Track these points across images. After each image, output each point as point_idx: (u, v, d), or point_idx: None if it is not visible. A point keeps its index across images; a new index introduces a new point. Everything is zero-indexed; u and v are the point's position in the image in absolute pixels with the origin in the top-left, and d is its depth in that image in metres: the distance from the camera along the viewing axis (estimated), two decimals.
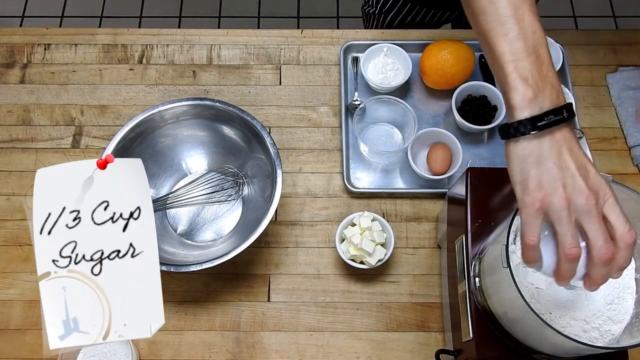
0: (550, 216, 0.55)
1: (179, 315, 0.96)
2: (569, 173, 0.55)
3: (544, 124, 0.55)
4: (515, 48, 0.58)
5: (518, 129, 0.57)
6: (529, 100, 0.56)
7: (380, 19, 1.32)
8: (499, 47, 0.58)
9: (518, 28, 0.58)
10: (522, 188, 0.57)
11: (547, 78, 0.57)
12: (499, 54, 0.58)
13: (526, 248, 0.57)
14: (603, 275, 0.55)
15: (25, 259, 1.00)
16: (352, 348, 0.94)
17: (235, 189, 1.00)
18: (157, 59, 1.17)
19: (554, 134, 0.56)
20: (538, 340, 0.68)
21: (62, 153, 1.08)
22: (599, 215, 0.54)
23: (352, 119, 1.05)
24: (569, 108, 0.56)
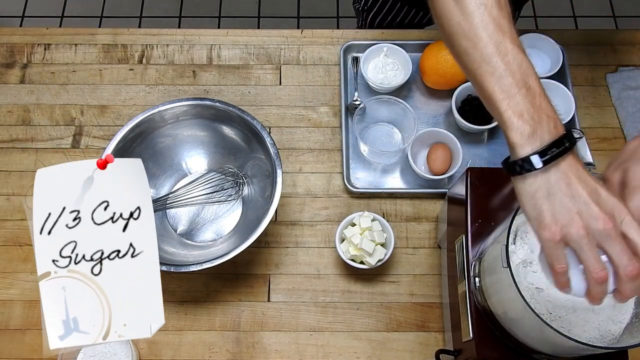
0: (571, 245, 0.55)
1: (179, 315, 0.96)
2: (581, 201, 0.55)
3: (547, 159, 0.55)
4: (504, 85, 0.57)
5: (523, 166, 0.56)
6: (528, 136, 0.56)
7: (363, 15, 1.32)
8: (489, 86, 0.58)
9: (503, 64, 0.57)
10: (537, 223, 0.57)
11: (542, 109, 0.56)
12: (489, 92, 0.58)
13: (557, 276, 0.57)
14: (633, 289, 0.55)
15: (25, 259, 1.00)
16: (352, 348, 0.94)
17: (235, 189, 1.00)
18: (157, 59, 1.17)
19: (559, 165, 0.55)
20: (538, 340, 0.68)
21: (62, 153, 1.08)
22: (618, 236, 0.54)
23: (352, 119, 1.05)
24: (569, 136, 0.56)
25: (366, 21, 1.33)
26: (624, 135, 1.09)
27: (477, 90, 0.61)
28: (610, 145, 1.08)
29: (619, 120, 1.10)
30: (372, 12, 1.28)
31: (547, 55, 1.12)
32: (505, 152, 0.60)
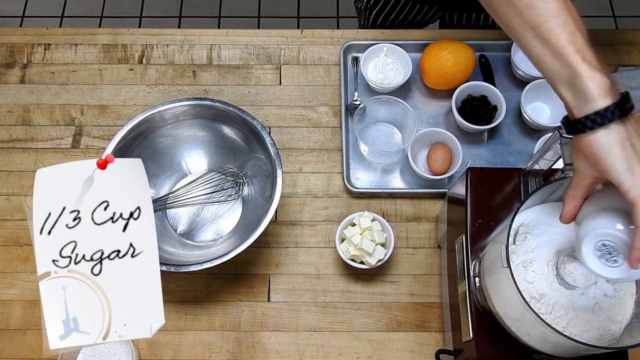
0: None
1: (179, 315, 0.96)
2: None
3: (629, 107, 0.54)
4: (576, 39, 0.56)
5: (605, 116, 0.54)
6: (609, 88, 0.55)
7: (366, 14, 1.32)
8: (560, 39, 0.56)
9: (572, 20, 0.57)
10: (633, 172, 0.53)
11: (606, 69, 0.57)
12: (559, 46, 0.56)
13: None
14: None
15: (25, 259, 1.00)
16: (352, 348, 0.94)
17: (235, 189, 1.00)
18: (157, 59, 1.17)
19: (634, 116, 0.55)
20: (538, 340, 0.68)
21: (62, 153, 1.08)
22: None
23: (352, 119, 1.05)
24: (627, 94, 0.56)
25: (369, 20, 1.33)
26: None
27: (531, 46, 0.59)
28: None
29: None
30: (375, 10, 1.28)
31: None
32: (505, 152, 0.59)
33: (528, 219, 0.71)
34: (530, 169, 0.79)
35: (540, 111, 1.09)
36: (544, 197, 0.73)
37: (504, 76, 1.13)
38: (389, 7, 1.25)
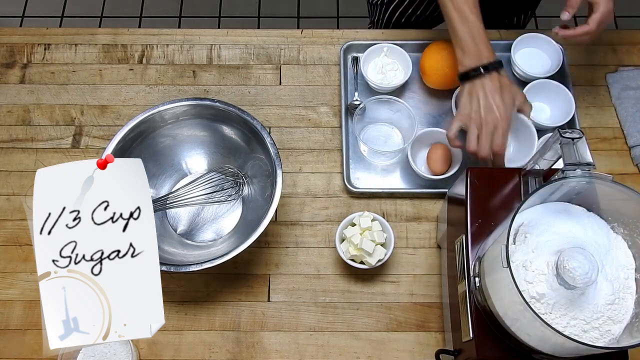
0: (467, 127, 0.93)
1: (179, 315, 0.96)
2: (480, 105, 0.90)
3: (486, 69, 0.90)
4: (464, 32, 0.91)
5: (474, 73, 0.91)
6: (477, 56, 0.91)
7: (382, 9, 1.32)
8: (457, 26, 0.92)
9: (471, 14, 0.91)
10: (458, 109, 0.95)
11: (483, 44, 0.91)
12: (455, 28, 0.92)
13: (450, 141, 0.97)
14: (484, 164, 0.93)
15: (25, 259, 1.00)
16: (352, 348, 0.94)
17: (235, 189, 1.00)
18: (157, 59, 1.17)
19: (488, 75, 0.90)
20: (538, 340, 0.68)
21: (62, 153, 1.08)
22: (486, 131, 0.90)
23: (352, 119, 1.05)
24: (497, 63, 0.91)
25: (384, 16, 1.33)
26: (624, 135, 1.09)
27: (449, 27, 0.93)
28: (610, 145, 1.08)
29: (618, 120, 1.10)
30: (392, 5, 1.28)
31: (547, 55, 1.12)
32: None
33: (528, 219, 0.71)
34: (530, 169, 0.79)
35: (540, 111, 1.09)
36: (544, 197, 0.73)
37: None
38: (406, 3, 1.25)
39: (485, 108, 0.90)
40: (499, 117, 0.89)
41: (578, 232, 0.69)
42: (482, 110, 0.90)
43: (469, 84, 0.91)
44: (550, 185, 0.69)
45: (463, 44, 0.91)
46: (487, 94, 0.89)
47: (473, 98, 0.91)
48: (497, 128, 0.89)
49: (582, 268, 0.62)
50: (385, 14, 1.32)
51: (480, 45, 0.90)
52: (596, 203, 0.72)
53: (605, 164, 1.07)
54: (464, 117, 0.93)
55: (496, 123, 0.89)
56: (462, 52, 0.92)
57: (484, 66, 0.90)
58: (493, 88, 0.89)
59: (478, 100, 0.90)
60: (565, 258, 0.63)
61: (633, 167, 1.07)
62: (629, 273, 0.68)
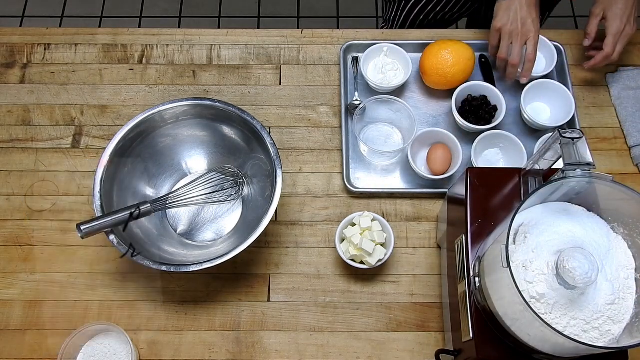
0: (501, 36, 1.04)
1: (179, 315, 0.96)
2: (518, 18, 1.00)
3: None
4: None
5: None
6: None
7: (400, 6, 1.31)
8: None
9: None
10: (494, 19, 1.03)
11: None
12: None
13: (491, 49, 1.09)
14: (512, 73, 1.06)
15: (25, 259, 1.00)
16: (352, 348, 0.94)
17: (235, 189, 1.00)
18: (157, 59, 1.17)
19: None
20: (538, 340, 0.68)
21: (62, 153, 1.08)
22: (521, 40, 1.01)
23: (352, 119, 1.05)
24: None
25: (401, 14, 1.33)
26: (624, 135, 1.09)
27: None
28: (610, 145, 1.08)
29: (618, 120, 1.10)
30: (410, 3, 1.28)
31: (543, 54, 1.12)
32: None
33: (528, 219, 0.71)
34: (530, 169, 0.79)
35: (540, 111, 1.09)
36: (544, 197, 0.73)
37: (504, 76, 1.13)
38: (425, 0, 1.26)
39: (522, 20, 1.00)
40: (534, 29, 1.00)
41: (578, 232, 0.69)
42: (519, 22, 1.00)
43: (507, 1, 1.01)
44: (550, 185, 0.69)
45: None
46: (524, 7, 1.00)
47: (511, 11, 1.01)
48: (531, 38, 1.00)
49: (582, 268, 0.62)
50: (403, 11, 1.32)
51: None
52: (596, 203, 0.72)
53: (605, 164, 1.07)
54: (501, 27, 1.02)
55: (529, 33, 1.00)
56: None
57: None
58: (531, 3, 1.00)
59: (516, 13, 1.00)
60: (565, 258, 0.63)
61: (633, 167, 1.07)
62: (629, 273, 0.68)
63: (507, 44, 1.03)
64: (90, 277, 0.98)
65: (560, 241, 0.68)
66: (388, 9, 1.38)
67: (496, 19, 1.03)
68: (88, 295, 0.97)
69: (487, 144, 1.05)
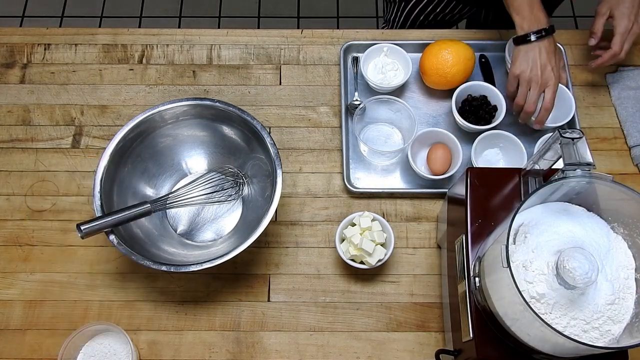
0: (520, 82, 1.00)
1: (179, 315, 0.96)
2: (537, 65, 0.98)
3: (539, 37, 0.97)
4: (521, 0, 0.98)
5: (525, 38, 0.98)
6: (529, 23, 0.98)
7: (401, 7, 1.31)
8: None
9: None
10: (512, 66, 1.01)
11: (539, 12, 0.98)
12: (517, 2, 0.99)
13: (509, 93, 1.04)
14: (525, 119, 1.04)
15: (25, 259, 1.00)
16: (352, 348, 0.94)
17: (235, 189, 1.00)
18: (157, 59, 1.17)
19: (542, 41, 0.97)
20: (538, 340, 0.68)
21: (62, 153, 1.08)
22: (538, 90, 0.99)
23: (352, 119, 1.05)
24: (550, 28, 0.98)
25: (401, 14, 1.33)
26: (624, 135, 1.09)
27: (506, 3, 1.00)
28: (610, 145, 1.08)
29: (619, 120, 1.10)
30: (410, 3, 1.28)
31: None
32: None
33: (528, 219, 0.71)
34: (530, 169, 0.79)
35: None
36: (544, 197, 0.73)
37: (504, 76, 1.13)
38: (426, 0, 1.26)
39: (541, 67, 0.97)
40: (554, 76, 0.97)
41: (578, 232, 0.69)
42: (539, 69, 0.97)
43: (526, 46, 0.98)
44: (550, 185, 0.69)
45: (521, 10, 0.98)
46: (543, 54, 0.97)
47: (530, 58, 0.98)
48: (550, 86, 0.98)
49: (582, 268, 0.62)
50: (403, 12, 1.32)
51: (537, 11, 0.98)
52: (596, 203, 0.72)
53: (605, 164, 1.07)
54: (519, 73, 0.99)
55: (549, 81, 0.98)
56: (521, 17, 0.98)
57: (544, 30, 0.97)
58: (550, 50, 0.97)
59: (535, 60, 0.97)
60: (565, 258, 0.63)
61: (633, 167, 1.07)
62: (629, 273, 0.68)
63: (525, 91, 0.99)
64: (90, 277, 0.98)
65: (560, 241, 0.68)
66: (388, 10, 1.38)
67: (514, 65, 0.99)
68: (88, 295, 0.97)
69: (487, 144, 1.05)
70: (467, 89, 1.07)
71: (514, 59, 1.01)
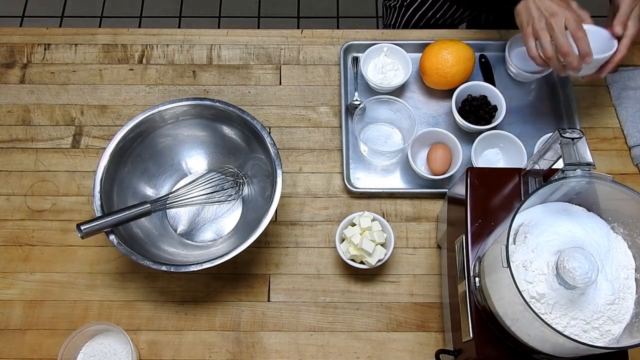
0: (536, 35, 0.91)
1: (179, 315, 0.96)
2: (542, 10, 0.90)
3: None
4: None
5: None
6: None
7: (401, 12, 1.31)
8: None
9: None
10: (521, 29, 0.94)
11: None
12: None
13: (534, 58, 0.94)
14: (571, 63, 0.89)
15: (25, 259, 1.00)
16: (352, 348, 0.94)
17: (235, 189, 1.00)
18: (157, 59, 1.17)
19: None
20: (538, 340, 0.68)
21: (62, 153, 1.08)
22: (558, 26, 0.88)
23: (352, 119, 1.05)
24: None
25: (401, 19, 1.33)
26: (624, 135, 1.09)
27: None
28: (610, 145, 1.08)
29: (619, 120, 1.10)
30: (411, 9, 1.28)
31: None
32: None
33: (528, 219, 0.71)
34: (530, 169, 0.79)
35: None
36: (544, 197, 0.73)
37: (504, 76, 1.13)
38: (427, 5, 1.25)
39: (547, 9, 0.89)
40: (564, 7, 0.88)
41: (578, 232, 0.69)
42: (545, 12, 0.89)
43: (523, 2, 0.92)
44: (550, 185, 0.69)
45: None
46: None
47: (532, 9, 0.91)
48: (568, 18, 0.88)
49: (582, 268, 0.62)
50: (403, 18, 1.32)
51: None
52: (596, 203, 0.72)
53: (605, 164, 1.07)
54: (532, 29, 0.91)
55: (564, 15, 0.88)
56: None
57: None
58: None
59: (537, 7, 0.90)
60: (565, 258, 0.63)
61: (633, 167, 1.06)
62: (629, 273, 0.68)
63: (547, 39, 0.89)
64: (90, 277, 0.98)
65: (560, 241, 0.68)
66: (388, 15, 1.38)
67: (522, 25, 0.93)
68: (88, 295, 0.97)
69: (487, 144, 1.05)
70: (467, 89, 1.07)
71: (519, 21, 0.93)
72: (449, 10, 1.26)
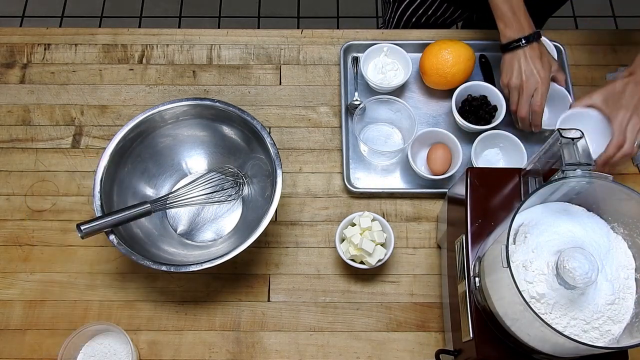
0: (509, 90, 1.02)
1: (179, 315, 0.96)
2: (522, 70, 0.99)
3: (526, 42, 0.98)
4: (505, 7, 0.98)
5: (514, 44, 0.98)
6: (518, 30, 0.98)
7: (393, 7, 1.32)
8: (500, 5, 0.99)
9: None
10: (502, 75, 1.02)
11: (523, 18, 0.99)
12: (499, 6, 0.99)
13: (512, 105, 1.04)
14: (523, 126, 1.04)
15: (25, 259, 1.00)
16: (352, 348, 0.94)
17: (235, 189, 1.00)
18: (157, 59, 1.17)
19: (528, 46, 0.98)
20: (538, 340, 0.68)
21: (62, 153, 1.08)
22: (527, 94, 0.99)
23: (352, 119, 1.05)
24: (536, 34, 0.99)
25: (394, 15, 1.33)
26: None
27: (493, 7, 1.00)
28: None
29: None
30: (402, 5, 1.29)
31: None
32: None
33: (528, 219, 0.71)
34: (530, 169, 0.79)
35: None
36: (544, 197, 0.73)
37: None
38: (418, 2, 1.26)
39: (526, 73, 0.98)
40: (540, 80, 0.98)
41: (578, 232, 0.69)
42: (524, 75, 0.98)
43: (510, 54, 0.99)
44: (550, 185, 0.69)
45: (505, 18, 0.98)
46: (528, 60, 0.98)
47: (514, 66, 0.99)
48: (537, 90, 0.98)
49: (582, 268, 0.62)
50: (396, 13, 1.32)
51: (521, 18, 0.98)
52: (596, 203, 0.72)
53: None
54: (507, 82, 1.01)
55: (536, 85, 0.98)
56: (505, 25, 0.99)
57: (526, 37, 0.97)
58: (534, 55, 0.98)
59: (520, 67, 0.98)
60: (565, 258, 0.63)
61: (633, 167, 1.06)
62: (629, 273, 0.68)
63: (516, 98, 1.01)
64: (90, 277, 0.98)
65: (560, 241, 0.68)
66: (386, 10, 1.38)
67: (502, 74, 1.01)
68: (88, 295, 0.97)
69: (487, 144, 1.05)
70: (467, 89, 1.07)
71: (501, 68, 1.02)
72: (439, 9, 1.26)
